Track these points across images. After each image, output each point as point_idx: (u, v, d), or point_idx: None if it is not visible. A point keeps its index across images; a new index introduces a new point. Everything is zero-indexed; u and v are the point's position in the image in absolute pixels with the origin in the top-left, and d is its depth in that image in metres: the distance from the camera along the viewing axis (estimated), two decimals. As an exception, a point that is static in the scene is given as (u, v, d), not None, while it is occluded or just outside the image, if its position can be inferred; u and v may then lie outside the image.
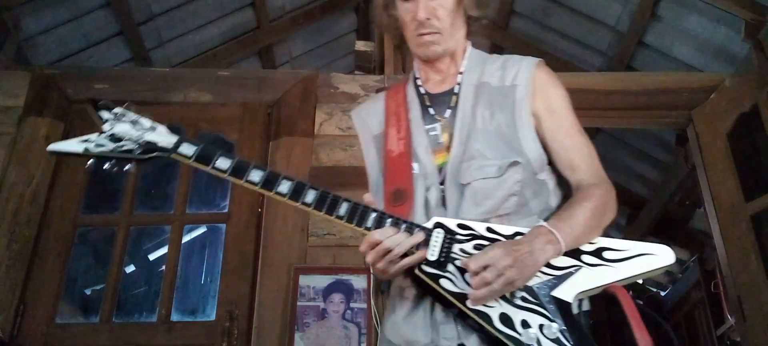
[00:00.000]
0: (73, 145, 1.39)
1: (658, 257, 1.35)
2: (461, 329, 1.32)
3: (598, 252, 1.36)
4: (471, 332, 1.31)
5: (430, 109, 1.55)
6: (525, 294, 1.30)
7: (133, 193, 3.22)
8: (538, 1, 4.41)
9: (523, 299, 1.30)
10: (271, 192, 1.38)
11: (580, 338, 1.26)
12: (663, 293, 6.49)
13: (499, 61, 1.58)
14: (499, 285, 1.25)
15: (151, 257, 5.10)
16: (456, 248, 1.33)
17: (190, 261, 4.85)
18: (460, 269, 1.31)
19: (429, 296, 1.37)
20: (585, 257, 1.35)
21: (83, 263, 4.31)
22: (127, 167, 1.41)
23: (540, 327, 1.27)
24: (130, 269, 4.84)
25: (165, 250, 3.80)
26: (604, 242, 1.37)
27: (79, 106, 3.27)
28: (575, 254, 1.35)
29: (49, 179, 3.12)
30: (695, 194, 4.27)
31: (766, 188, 3.08)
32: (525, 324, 1.27)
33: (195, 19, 4.29)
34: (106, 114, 1.43)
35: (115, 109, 1.44)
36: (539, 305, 1.29)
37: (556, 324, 1.27)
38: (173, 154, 1.41)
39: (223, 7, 4.36)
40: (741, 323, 3.06)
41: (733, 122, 3.26)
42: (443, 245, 1.32)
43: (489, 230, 1.35)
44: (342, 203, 1.36)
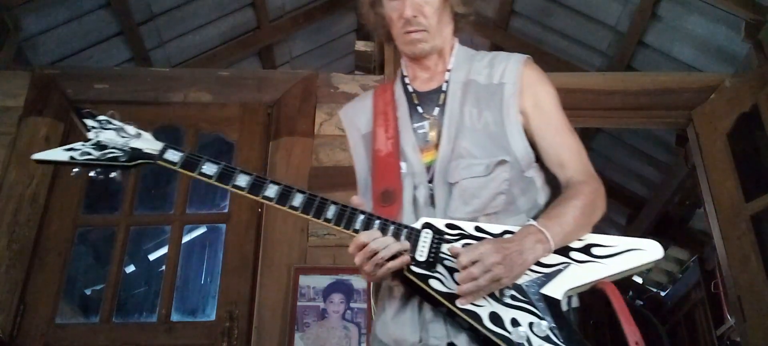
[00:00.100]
0: (58, 153, 1.40)
1: (646, 252, 1.35)
2: (450, 327, 1.32)
3: (586, 249, 1.36)
4: (460, 331, 1.31)
5: (419, 107, 1.55)
6: (514, 292, 1.30)
7: (133, 193, 3.22)
8: (538, 1, 4.41)
9: (512, 297, 1.30)
10: (257, 196, 1.39)
11: (570, 334, 1.26)
12: (663, 293, 6.50)
13: (487, 58, 1.58)
14: (485, 281, 1.25)
15: (151, 257, 5.11)
16: (445, 248, 1.33)
17: (190, 261, 4.86)
18: (449, 269, 1.31)
19: (418, 295, 1.37)
20: (574, 253, 1.36)
21: (83, 263, 4.32)
22: (113, 175, 1.42)
23: (530, 325, 1.27)
24: (130, 269, 4.84)
25: (165, 250, 3.81)
26: (593, 238, 1.38)
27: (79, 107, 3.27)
28: (564, 251, 1.35)
29: (49, 179, 3.12)
30: (695, 194, 4.26)
31: (766, 188, 3.08)
32: (515, 322, 1.27)
33: (195, 19, 4.29)
34: (90, 122, 1.44)
35: (100, 116, 1.45)
36: (529, 302, 1.29)
37: (545, 322, 1.27)
38: (159, 161, 1.42)
39: (223, 7, 4.36)
40: (741, 323, 3.05)
41: (733, 122, 3.26)
42: (432, 245, 1.33)
43: (477, 229, 1.35)
44: (330, 205, 1.36)
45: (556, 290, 1.31)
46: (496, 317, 1.27)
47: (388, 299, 1.43)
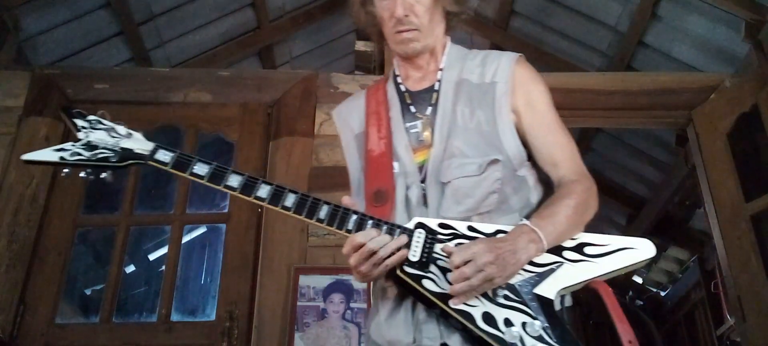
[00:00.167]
0: (48, 154, 1.39)
1: (638, 250, 1.35)
2: (444, 328, 1.32)
3: (579, 248, 1.36)
4: (453, 332, 1.30)
5: (411, 106, 1.54)
6: (507, 292, 1.30)
7: (133, 193, 3.22)
8: (538, 1, 4.40)
9: (505, 297, 1.30)
10: (250, 197, 1.38)
11: (563, 334, 1.26)
12: (663, 293, 6.50)
13: (479, 57, 1.57)
14: (477, 281, 1.25)
15: (151, 257, 5.10)
16: (438, 248, 1.33)
17: (190, 261, 4.86)
18: (442, 269, 1.31)
19: (411, 296, 1.36)
20: (566, 253, 1.35)
21: (83, 263, 4.32)
22: (103, 175, 1.41)
23: (523, 325, 1.27)
24: (130, 269, 4.84)
25: (165, 250, 3.81)
26: (585, 237, 1.38)
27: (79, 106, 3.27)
28: (557, 250, 1.35)
29: (49, 179, 3.12)
30: (695, 194, 4.26)
31: (766, 188, 3.08)
32: (508, 322, 1.27)
33: (195, 19, 4.29)
34: (80, 122, 1.43)
35: (90, 116, 1.44)
36: (522, 302, 1.29)
37: (538, 322, 1.27)
38: (150, 161, 1.41)
39: (223, 7, 4.36)
40: (741, 323, 3.05)
41: (733, 122, 3.26)
42: (425, 245, 1.32)
43: (470, 229, 1.35)
44: (322, 205, 1.36)
45: (549, 289, 1.31)
46: (489, 317, 1.27)
47: (381, 300, 1.43)
